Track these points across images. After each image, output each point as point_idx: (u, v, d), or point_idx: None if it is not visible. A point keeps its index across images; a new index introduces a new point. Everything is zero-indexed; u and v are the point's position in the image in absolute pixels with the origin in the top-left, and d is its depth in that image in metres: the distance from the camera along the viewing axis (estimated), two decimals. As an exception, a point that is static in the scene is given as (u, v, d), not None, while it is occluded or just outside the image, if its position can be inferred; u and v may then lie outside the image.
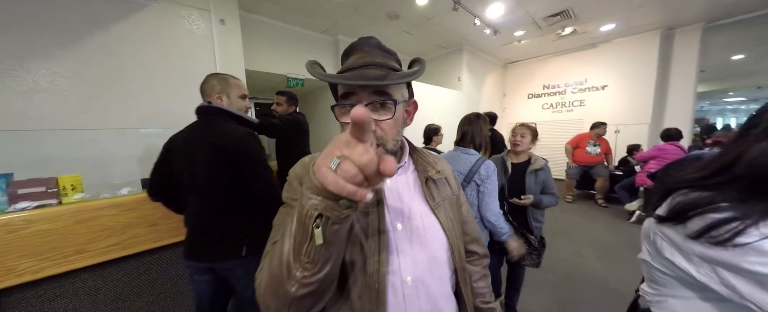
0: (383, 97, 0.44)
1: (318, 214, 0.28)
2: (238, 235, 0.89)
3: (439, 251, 0.50)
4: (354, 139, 0.26)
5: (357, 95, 0.44)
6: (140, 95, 2.13)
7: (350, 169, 0.25)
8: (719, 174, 0.45)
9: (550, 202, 1.48)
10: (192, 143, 0.94)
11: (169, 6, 2.23)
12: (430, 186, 0.54)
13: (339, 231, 0.31)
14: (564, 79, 5.35)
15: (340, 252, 0.36)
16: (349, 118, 0.25)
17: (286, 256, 0.32)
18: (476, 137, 1.30)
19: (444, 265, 0.50)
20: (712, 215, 0.41)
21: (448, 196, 0.57)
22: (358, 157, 0.25)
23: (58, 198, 0.89)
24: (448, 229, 0.52)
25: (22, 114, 1.73)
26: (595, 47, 4.82)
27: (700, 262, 0.43)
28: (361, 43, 0.50)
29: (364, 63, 0.46)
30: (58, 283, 0.90)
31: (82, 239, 0.89)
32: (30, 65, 1.75)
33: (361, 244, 0.44)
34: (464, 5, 3.18)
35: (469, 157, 1.25)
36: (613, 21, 3.85)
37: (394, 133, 0.47)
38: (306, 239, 0.30)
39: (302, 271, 0.32)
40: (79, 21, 1.88)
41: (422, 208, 0.52)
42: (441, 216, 0.52)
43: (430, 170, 0.55)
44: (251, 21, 3.12)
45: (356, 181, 0.25)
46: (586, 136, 3.94)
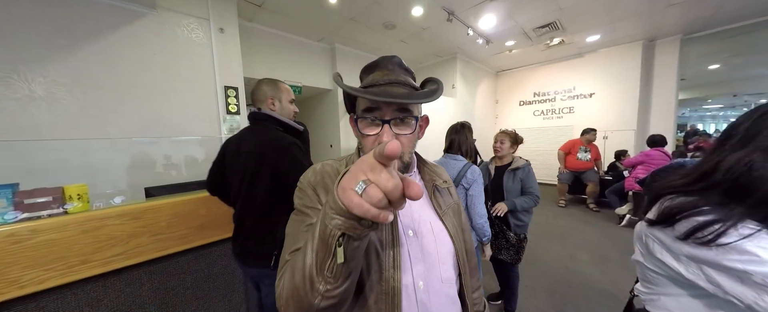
0: (405, 114, 0.47)
1: (341, 234, 0.29)
2: (271, 245, 0.93)
3: (447, 256, 0.52)
4: (380, 165, 0.27)
5: (381, 110, 0.47)
6: (137, 103, 2.12)
7: (376, 194, 0.26)
8: (701, 180, 0.50)
9: (525, 204, 1.56)
10: (241, 149, 1.01)
11: (168, 15, 2.25)
12: (436, 195, 0.57)
13: (359, 247, 0.32)
14: (553, 86, 5.54)
15: (359, 265, 0.37)
16: (385, 150, 0.26)
17: (309, 270, 0.33)
18: (462, 145, 1.43)
19: (451, 269, 0.52)
20: (697, 218, 0.46)
21: (451, 205, 0.60)
22: (384, 182, 0.26)
23: (63, 207, 0.89)
24: (454, 235, 0.54)
25: (17, 122, 1.70)
26: (581, 57, 5.04)
27: (688, 262, 0.48)
28: (384, 62, 0.53)
29: (389, 81, 0.49)
30: (60, 294, 0.88)
31: (88, 249, 0.89)
32: (28, 73, 1.73)
33: (377, 251, 0.46)
34: (458, 17, 3.30)
35: (457, 162, 1.37)
36: (598, 32, 4.05)
37: (411, 146, 0.51)
38: (328, 256, 0.31)
39: (325, 285, 0.33)
40: (77, 28, 1.87)
41: (431, 216, 0.54)
42: (448, 223, 0.55)
43: (438, 180, 0.59)
44: (250, 29, 3.16)
45: (381, 206, 0.26)
46: (577, 142, 4.07)
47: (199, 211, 1.15)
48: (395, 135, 0.47)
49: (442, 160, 1.43)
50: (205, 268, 1.21)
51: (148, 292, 1.06)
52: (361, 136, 0.49)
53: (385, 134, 0.46)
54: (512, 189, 1.60)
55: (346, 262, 0.32)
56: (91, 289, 0.94)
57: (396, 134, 0.47)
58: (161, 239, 1.05)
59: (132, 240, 0.99)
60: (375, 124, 0.47)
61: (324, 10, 3.03)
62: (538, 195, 1.59)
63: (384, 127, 0.46)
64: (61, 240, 0.84)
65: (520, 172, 1.60)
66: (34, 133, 1.74)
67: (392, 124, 0.47)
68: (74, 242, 0.86)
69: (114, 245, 0.94)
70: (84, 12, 1.89)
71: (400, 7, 3.05)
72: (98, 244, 0.91)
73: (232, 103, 2.59)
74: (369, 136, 0.48)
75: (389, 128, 0.46)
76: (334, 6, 2.95)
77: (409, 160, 0.51)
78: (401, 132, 0.48)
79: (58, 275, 0.84)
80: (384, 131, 0.46)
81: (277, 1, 2.81)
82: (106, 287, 0.97)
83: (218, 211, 1.21)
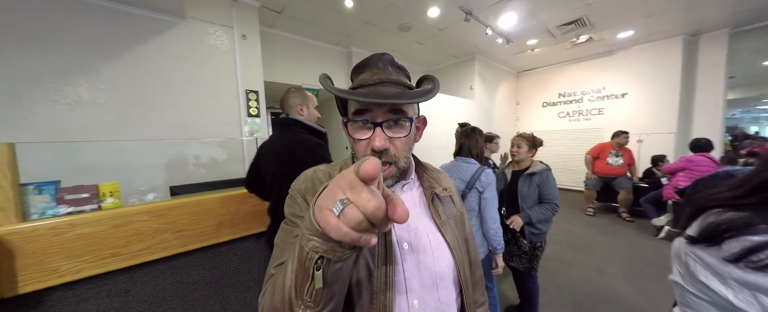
0: (398, 115, 0.44)
1: (319, 257, 0.27)
2: None
3: (446, 270, 0.48)
4: (360, 182, 0.24)
5: (372, 112, 0.43)
6: (167, 107, 2.27)
7: (355, 216, 0.23)
8: (756, 193, 0.43)
9: (541, 215, 1.47)
10: (273, 150, 1.14)
11: (196, 24, 2.40)
12: (436, 203, 0.53)
13: (343, 268, 0.29)
14: (581, 87, 5.23)
15: (344, 286, 0.34)
16: (360, 170, 0.23)
17: (287, 293, 0.30)
18: (473, 148, 1.41)
19: (450, 285, 0.48)
20: (750, 237, 0.40)
21: (453, 213, 0.55)
22: (364, 203, 0.23)
23: (98, 203, 0.96)
24: (455, 247, 0.50)
25: (65, 125, 1.89)
26: (612, 54, 4.71)
27: (738, 287, 0.41)
28: (374, 60, 0.49)
29: (379, 80, 0.45)
30: (93, 284, 0.95)
31: (118, 243, 0.95)
32: (76, 80, 1.91)
33: (367, 266, 0.43)
34: (476, 16, 3.22)
35: (470, 165, 1.34)
36: (631, 28, 3.77)
37: (407, 150, 0.47)
38: (307, 280, 0.28)
39: (305, 309, 0.30)
40: (118, 37, 2.05)
41: (429, 227, 0.50)
42: (447, 234, 0.50)
43: (437, 187, 0.54)
44: (270, 35, 3.29)
45: (361, 229, 0.24)
46: (607, 146, 3.79)
47: (218, 210, 1.20)
48: (388, 138, 0.43)
49: (453, 163, 1.40)
50: (222, 264, 1.26)
51: (170, 285, 1.12)
52: (352, 140, 0.46)
53: (377, 138, 0.42)
54: (527, 195, 1.52)
55: (327, 286, 0.29)
56: (120, 280, 1.01)
57: (389, 137, 0.44)
58: (183, 236, 1.10)
59: (157, 235, 1.05)
60: (366, 127, 0.44)
61: (340, 14, 3.09)
62: (557, 203, 1.49)
63: (376, 131, 0.43)
64: (94, 234, 0.91)
65: (536, 177, 1.51)
66: (78, 134, 1.92)
67: (385, 127, 0.43)
68: (106, 236, 0.93)
69: (141, 240, 1.00)
70: (124, 23, 2.07)
71: (416, 8, 3.03)
72: (127, 238, 0.98)
73: (253, 106, 2.70)
74: (360, 140, 0.45)
75: (381, 131, 0.43)
76: (351, 10, 2.99)
77: (404, 165, 0.47)
78: (395, 135, 0.44)
79: (92, 266, 0.91)
80: (376, 135, 0.43)
81: (296, 8, 2.91)
82: (133, 279, 1.03)
83: (236, 210, 1.26)
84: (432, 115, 4.09)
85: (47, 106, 1.83)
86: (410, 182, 0.53)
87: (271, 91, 3.71)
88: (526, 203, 1.52)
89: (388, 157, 0.44)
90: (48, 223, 0.84)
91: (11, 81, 1.72)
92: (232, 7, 2.57)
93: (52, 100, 1.85)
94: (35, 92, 1.80)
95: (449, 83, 5.23)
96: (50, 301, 0.88)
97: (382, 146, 0.42)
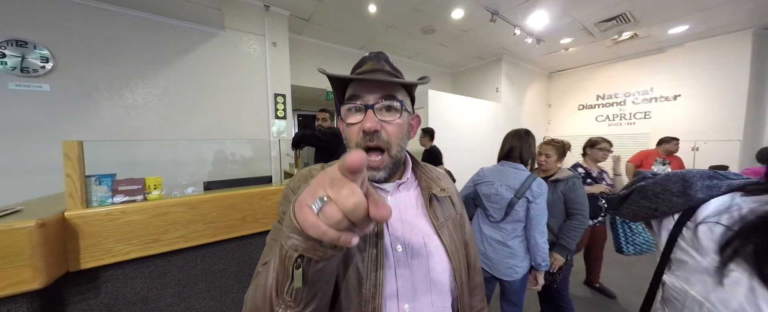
0: (391, 100, 0.44)
1: (299, 255, 0.26)
2: None
3: (441, 275, 0.46)
4: (341, 177, 0.23)
5: (363, 97, 0.44)
6: (205, 109, 2.51)
7: (334, 214, 0.22)
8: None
9: (575, 237, 1.34)
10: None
11: (234, 34, 2.62)
12: (434, 205, 0.51)
13: (324, 269, 0.29)
14: (623, 88, 4.77)
15: (328, 287, 0.34)
16: (346, 161, 0.22)
17: (269, 291, 0.30)
18: (525, 153, 1.28)
19: (445, 291, 0.46)
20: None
21: (451, 216, 0.53)
22: (343, 200, 0.22)
23: (144, 195, 1.10)
24: (452, 251, 0.48)
25: (123, 125, 2.17)
26: (663, 52, 4.24)
27: None
28: (371, 56, 0.50)
29: (373, 69, 0.47)
30: (138, 265, 1.09)
31: (158, 230, 1.08)
32: (133, 85, 2.20)
33: (357, 267, 0.41)
34: (503, 16, 3.10)
35: (520, 172, 1.24)
36: (685, 22, 3.36)
37: (399, 138, 0.46)
38: (287, 279, 0.28)
39: (285, 309, 0.30)
40: (168, 47, 2.31)
41: (425, 229, 0.48)
42: (445, 237, 0.48)
43: (435, 187, 0.52)
44: (297, 41, 3.48)
45: (340, 228, 0.23)
46: (652, 153, 3.41)
47: (242, 205, 1.30)
48: (380, 122, 0.43)
49: (498, 168, 1.32)
50: (245, 256, 1.36)
51: (200, 271, 1.24)
52: (345, 126, 0.46)
53: (368, 119, 0.42)
54: (552, 204, 1.40)
55: (308, 285, 0.28)
56: (160, 263, 1.14)
57: (381, 121, 0.43)
58: (212, 227, 1.21)
59: (190, 226, 1.17)
60: (358, 110, 0.44)
61: (365, 19, 3.17)
62: (585, 215, 1.38)
63: (368, 113, 0.43)
64: (140, 221, 1.04)
65: (561, 184, 1.40)
66: (131, 134, 2.20)
67: (377, 110, 0.43)
68: (149, 224, 1.06)
69: (177, 229, 1.12)
70: (172, 35, 2.33)
71: (439, 11, 3.00)
72: (166, 227, 1.10)
73: (280, 109, 2.87)
74: (352, 125, 0.45)
75: (373, 113, 0.43)
76: (375, 15, 3.06)
77: (397, 154, 0.46)
78: (387, 119, 0.44)
79: (137, 249, 1.05)
80: (367, 117, 0.43)
81: (323, 15, 3.04)
82: (170, 263, 1.16)
83: (258, 206, 1.36)
84: (455, 118, 4.01)
85: (109, 110, 2.12)
86: (407, 182, 0.52)
87: (299, 94, 3.91)
88: (552, 213, 1.41)
89: (380, 141, 0.44)
90: (105, 210, 0.98)
91: (86, 89, 2.03)
92: (264, 17, 2.76)
93: (114, 104, 2.14)
94: (103, 98, 2.10)
95: (474, 85, 5.08)
96: (105, 277, 1.02)
97: (373, 127, 0.42)
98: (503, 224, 1.24)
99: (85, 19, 2.00)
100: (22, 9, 1.83)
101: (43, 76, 1.91)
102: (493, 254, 1.26)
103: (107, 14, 2.07)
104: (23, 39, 1.84)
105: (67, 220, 0.92)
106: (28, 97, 1.87)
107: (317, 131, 2.32)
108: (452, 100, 3.97)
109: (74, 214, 0.93)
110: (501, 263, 1.24)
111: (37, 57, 1.88)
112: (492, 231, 1.28)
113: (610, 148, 1.97)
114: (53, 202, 1.09)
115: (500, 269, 1.25)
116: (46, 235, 0.82)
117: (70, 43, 1.97)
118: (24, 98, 1.86)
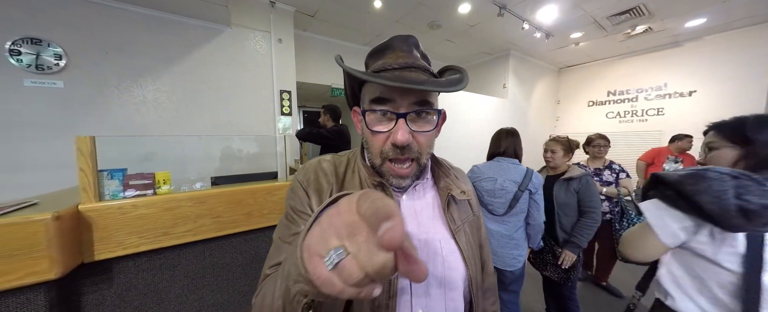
0: (424, 107, 0.39)
1: (308, 300, 0.24)
2: None
3: (456, 280, 0.44)
4: (365, 227, 0.18)
5: (395, 102, 0.38)
6: (213, 106, 2.54)
7: (353, 273, 0.18)
8: None
9: (587, 234, 1.36)
10: None
11: (240, 30, 2.63)
12: (451, 207, 0.48)
13: (336, 304, 0.28)
14: (636, 83, 4.63)
15: (339, 307, 0.33)
16: (383, 236, 0.17)
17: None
18: (517, 149, 1.38)
19: (459, 296, 0.45)
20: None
21: (468, 218, 0.50)
22: (365, 259, 0.18)
23: (154, 189, 1.12)
24: (468, 257, 0.46)
25: (133, 121, 2.22)
26: (679, 46, 4.09)
27: None
28: (398, 42, 0.42)
29: (405, 64, 0.39)
30: (149, 257, 1.12)
31: (167, 224, 1.10)
32: (142, 82, 2.24)
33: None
34: (510, 10, 3.04)
35: (518, 167, 1.32)
36: (703, 15, 3.23)
37: (430, 146, 0.42)
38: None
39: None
40: (176, 44, 2.34)
41: (442, 232, 0.46)
42: (461, 241, 0.46)
43: (454, 189, 0.49)
44: (303, 38, 3.48)
45: (361, 285, 0.18)
46: (664, 151, 3.31)
47: (249, 200, 1.32)
48: (411, 132, 0.38)
49: (499, 164, 1.37)
50: (251, 250, 1.38)
51: (208, 265, 1.27)
52: (370, 133, 0.41)
53: (401, 132, 0.37)
54: (565, 202, 1.41)
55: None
56: (170, 256, 1.17)
57: (413, 131, 0.39)
58: (219, 222, 1.24)
59: (198, 220, 1.20)
60: (387, 118, 0.39)
61: (370, 15, 3.14)
62: (598, 213, 1.36)
63: (399, 123, 0.38)
64: (150, 215, 1.07)
65: (574, 182, 1.40)
66: (141, 129, 2.24)
67: (408, 120, 0.38)
68: (158, 217, 1.09)
69: (185, 223, 1.15)
70: (180, 32, 2.36)
71: (446, 5, 2.96)
72: (175, 220, 1.13)
73: (286, 105, 2.89)
74: (379, 133, 0.39)
75: (405, 124, 0.38)
76: (380, 10, 3.03)
77: (425, 162, 0.43)
78: (420, 129, 0.39)
79: (148, 242, 1.07)
80: (399, 128, 0.37)
81: (328, 11, 3.03)
82: (179, 256, 1.19)
83: (264, 201, 1.37)
84: (461, 115, 3.97)
85: (120, 106, 2.17)
86: (425, 181, 0.49)
87: (304, 91, 3.92)
88: (565, 211, 1.41)
89: (410, 153, 0.40)
90: (116, 204, 1.01)
91: (98, 86, 2.08)
92: (270, 13, 2.77)
93: (125, 101, 2.18)
94: (114, 94, 2.14)
95: (480, 81, 5.00)
96: (117, 269, 1.06)
97: (406, 141, 0.38)
98: (507, 218, 1.30)
99: (96, 17, 2.04)
100: (36, 7, 1.88)
101: (57, 73, 1.95)
102: (499, 248, 1.31)
103: (117, 12, 2.10)
104: (38, 37, 1.88)
105: (81, 213, 0.94)
106: (42, 93, 1.92)
107: (324, 130, 2.34)
108: (458, 96, 3.93)
109: (88, 207, 0.96)
110: (505, 255, 1.30)
111: (51, 54, 1.93)
112: (496, 225, 1.33)
113: (604, 144, 2.01)
114: (68, 196, 1.12)
115: (504, 260, 1.30)
116: (61, 228, 0.84)
117: (82, 41, 2.01)
118: (39, 95, 1.92)
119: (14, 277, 0.78)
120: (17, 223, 0.78)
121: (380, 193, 0.19)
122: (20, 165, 1.88)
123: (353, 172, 0.47)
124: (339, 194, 0.26)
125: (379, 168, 0.43)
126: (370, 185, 0.44)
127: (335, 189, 0.45)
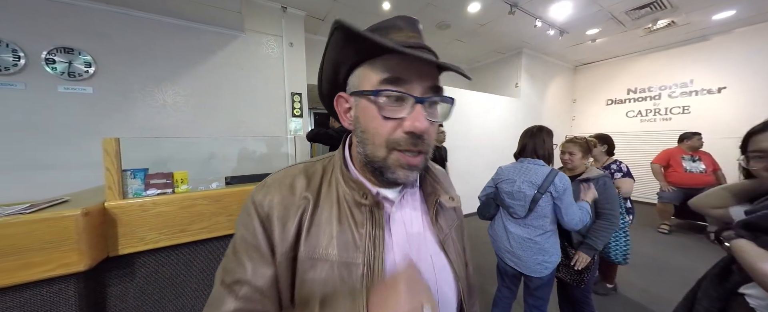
0: (439, 95, 0.35)
1: None
2: None
3: (448, 295, 0.41)
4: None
5: (410, 83, 0.33)
6: (228, 108, 2.63)
7: None
8: None
9: (604, 237, 1.30)
10: None
11: (253, 35, 2.72)
12: (439, 214, 0.44)
13: None
14: (658, 81, 4.41)
15: None
16: None
17: None
18: (538, 149, 1.29)
19: (452, 308, 0.43)
20: None
21: (454, 223, 0.48)
22: None
23: (173, 188, 1.18)
24: (458, 267, 0.43)
25: (152, 124, 2.34)
26: (706, 40, 3.86)
27: None
28: (404, 23, 0.38)
29: (419, 44, 0.35)
30: (167, 253, 1.17)
31: (185, 221, 1.16)
32: (163, 86, 2.36)
33: (352, 294, 0.33)
34: (522, 8, 2.97)
35: (540, 168, 1.25)
36: (732, 7, 3.04)
37: (434, 141, 0.39)
38: None
39: None
40: (194, 49, 2.45)
41: (432, 246, 0.42)
42: (450, 252, 0.43)
43: (443, 195, 0.44)
44: (313, 41, 3.55)
45: None
46: (676, 151, 3.13)
47: (261, 200, 1.36)
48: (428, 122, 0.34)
49: (519, 165, 1.32)
50: (263, 248, 1.43)
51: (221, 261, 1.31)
52: (378, 119, 0.34)
53: (419, 119, 0.32)
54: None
55: None
56: (186, 252, 1.22)
57: (428, 120, 0.34)
58: (232, 219, 1.28)
59: (213, 218, 1.24)
60: (398, 103, 0.33)
61: (379, 17, 3.14)
62: (616, 216, 1.31)
63: (416, 109, 0.32)
64: (168, 212, 1.12)
65: (592, 184, 1.35)
66: (161, 131, 2.36)
67: (425, 107, 0.34)
68: (176, 215, 1.14)
69: (201, 220, 1.20)
70: (198, 39, 2.47)
71: (455, 5, 2.94)
72: (192, 218, 1.18)
73: (297, 107, 2.96)
74: (391, 119, 0.33)
75: (422, 110, 0.33)
76: (389, 12, 3.05)
77: (430, 156, 0.39)
78: (432, 118, 0.35)
79: (166, 238, 1.13)
80: (418, 113, 0.32)
81: (338, 14, 3.08)
82: (195, 252, 1.24)
83: (275, 201, 1.42)
84: (470, 114, 3.91)
85: (142, 110, 2.29)
86: (413, 188, 0.44)
87: (314, 93, 4.00)
88: None
89: (423, 147, 0.35)
90: (138, 201, 1.07)
91: (123, 91, 2.21)
92: (281, 18, 2.85)
93: (147, 105, 2.31)
94: (137, 99, 2.27)
95: (492, 81, 4.92)
96: (139, 263, 1.12)
97: (425, 129, 0.33)
98: (529, 221, 1.25)
99: (121, 27, 2.17)
100: (68, 18, 2.02)
101: (87, 79, 2.09)
102: (521, 251, 1.25)
103: (140, 21, 2.23)
104: (70, 46, 2.03)
105: (107, 210, 1.01)
106: (74, 99, 2.07)
107: (330, 129, 2.37)
108: (469, 96, 3.88)
109: (113, 204, 1.02)
110: (530, 260, 1.23)
111: (81, 62, 2.07)
112: (517, 228, 1.28)
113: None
114: (95, 194, 1.20)
115: (529, 266, 1.24)
116: (89, 223, 0.90)
117: (109, 49, 2.14)
118: (71, 100, 2.06)
119: (48, 268, 0.84)
120: (50, 219, 0.84)
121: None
122: (54, 165, 2.02)
123: (330, 185, 0.40)
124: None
125: (381, 161, 0.35)
126: (350, 205, 0.38)
127: (310, 209, 0.37)
